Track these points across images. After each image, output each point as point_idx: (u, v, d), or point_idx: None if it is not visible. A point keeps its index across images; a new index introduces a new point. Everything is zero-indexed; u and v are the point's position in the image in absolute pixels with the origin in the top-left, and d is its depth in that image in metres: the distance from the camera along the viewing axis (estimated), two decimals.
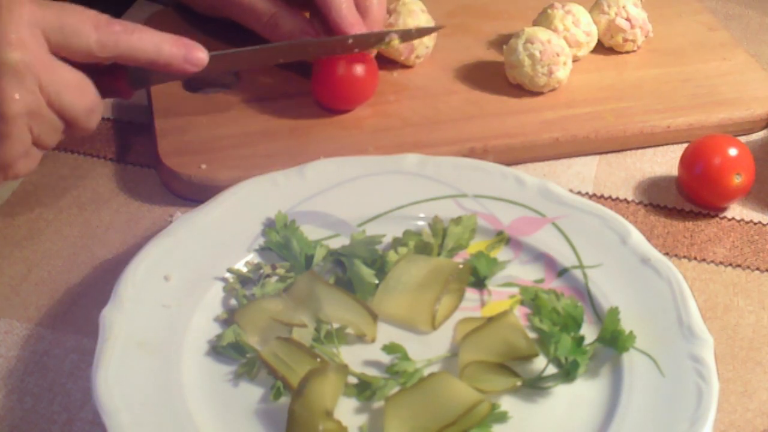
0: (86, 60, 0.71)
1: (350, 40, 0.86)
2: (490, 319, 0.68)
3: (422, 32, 0.90)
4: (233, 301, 0.71)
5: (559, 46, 0.89)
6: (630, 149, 0.89)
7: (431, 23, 0.93)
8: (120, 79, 0.76)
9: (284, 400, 0.64)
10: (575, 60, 0.93)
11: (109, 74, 0.75)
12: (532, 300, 0.70)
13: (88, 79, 0.72)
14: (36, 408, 0.66)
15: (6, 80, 0.67)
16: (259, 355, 0.66)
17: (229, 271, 0.72)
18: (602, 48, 0.97)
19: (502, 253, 0.75)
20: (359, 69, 0.87)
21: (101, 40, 0.70)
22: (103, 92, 0.74)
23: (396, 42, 0.88)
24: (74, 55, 0.70)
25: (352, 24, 0.86)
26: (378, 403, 0.64)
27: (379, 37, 0.87)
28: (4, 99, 0.67)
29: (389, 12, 0.93)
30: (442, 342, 0.69)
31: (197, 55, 0.75)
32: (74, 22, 0.70)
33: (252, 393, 0.65)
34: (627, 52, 0.97)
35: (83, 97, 0.71)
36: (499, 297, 0.72)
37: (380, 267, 0.72)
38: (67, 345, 0.70)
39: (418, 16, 0.93)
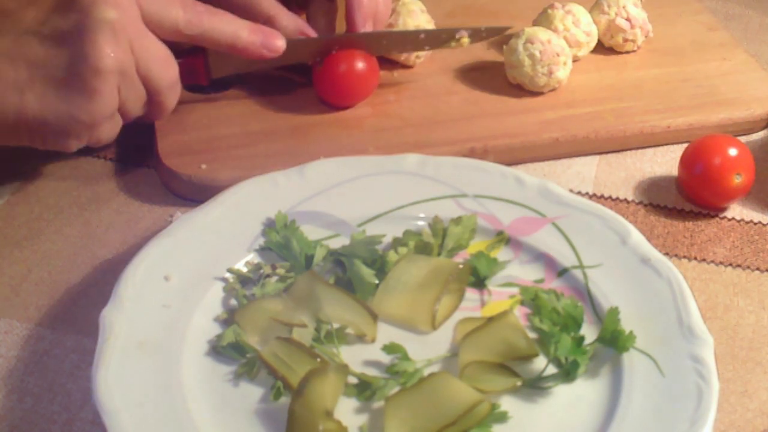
0: (171, 37, 0.75)
1: (422, 35, 0.88)
2: (490, 319, 0.68)
3: (492, 32, 0.91)
4: (233, 301, 0.71)
5: (559, 46, 0.89)
6: (630, 149, 0.89)
7: (431, 24, 0.93)
8: (199, 63, 0.81)
9: (284, 400, 0.64)
10: (575, 60, 0.93)
11: (190, 57, 0.80)
12: (532, 300, 0.70)
13: (172, 55, 0.74)
14: (36, 408, 0.66)
15: (102, 36, 0.69)
16: (259, 355, 0.66)
17: (229, 271, 0.72)
18: (602, 48, 0.97)
19: (502, 253, 0.75)
20: (361, 65, 0.87)
21: (187, 18, 0.75)
22: (183, 75, 0.77)
23: (465, 41, 0.90)
24: (161, 29, 0.74)
25: (366, 16, 0.87)
26: (378, 403, 0.64)
27: (450, 34, 0.89)
28: (100, 54, 0.69)
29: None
30: (442, 342, 0.69)
31: (275, 42, 0.79)
32: None
33: (252, 393, 0.65)
34: (627, 52, 0.97)
35: (168, 70, 0.74)
36: (499, 297, 0.72)
37: (380, 267, 0.72)
38: (67, 345, 0.70)
39: (417, 16, 0.93)
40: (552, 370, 0.66)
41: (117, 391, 0.62)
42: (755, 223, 0.81)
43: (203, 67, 0.82)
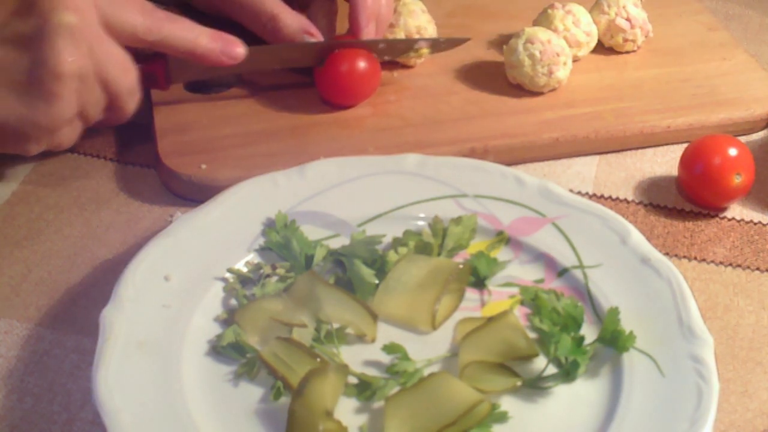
0: (130, 43, 0.75)
1: (381, 45, 0.88)
2: (490, 319, 0.68)
3: (451, 43, 0.92)
4: (233, 301, 0.71)
5: (559, 46, 0.89)
6: (630, 149, 0.89)
7: (432, 24, 0.93)
8: (159, 68, 0.81)
9: (284, 400, 0.64)
10: (575, 60, 0.93)
11: (149, 63, 0.80)
12: (532, 300, 0.70)
13: (132, 60, 0.74)
14: (36, 408, 0.66)
15: (62, 40, 0.69)
16: (259, 355, 0.66)
17: (229, 271, 0.72)
18: (602, 48, 0.97)
19: (502, 253, 0.75)
20: (363, 64, 0.87)
21: (147, 24, 0.74)
22: (142, 81, 0.76)
23: (425, 51, 0.91)
24: (120, 35, 0.73)
25: (370, 17, 0.88)
26: (378, 403, 0.64)
27: (409, 45, 0.90)
28: (59, 58, 0.69)
29: None
30: (442, 342, 0.69)
31: (235, 49, 0.79)
32: (124, 3, 0.74)
33: (252, 393, 0.65)
34: (627, 52, 0.97)
35: (127, 75, 0.74)
36: (499, 297, 0.72)
37: (380, 267, 0.72)
38: (67, 345, 0.70)
39: (418, 17, 0.93)
40: (552, 370, 0.66)
41: (117, 391, 0.62)
42: (755, 223, 0.81)
43: (163, 73, 0.82)
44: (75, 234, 0.79)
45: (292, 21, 0.87)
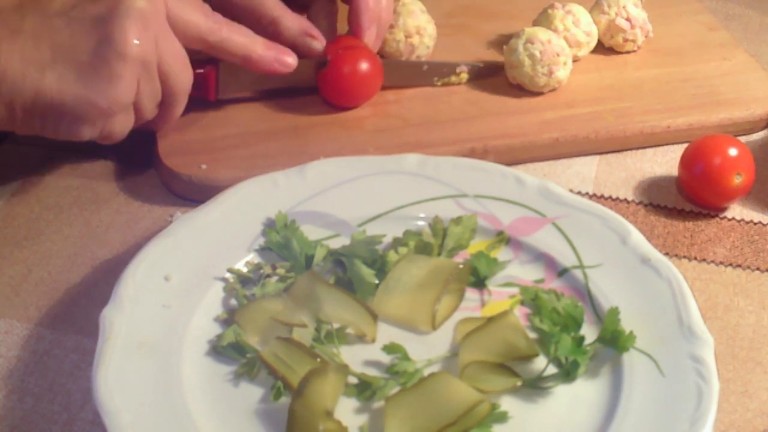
0: (191, 42, 0.77)
1: (425, 67, 0.91)
2: (490, 319, 0.68)
3: (490, 70, 0.93)
4: (233, 301, 0.71)
5: (559, 46, 0.89)
6: (630, 149, 0.89)
7: (431, 24, 0.94)
8: (211, 75, 0.83)
9: (284, 400, 0.64)
10: (575, 60, 0.93)
11: (202, 68, 0.82)
12: (532, 300, 0.70)
13: (189, 63, 0.77)
14: (36, 408, 0.66)
15: (131, 22, 0.71)
16: (259, 355, 0.66)
17: (229, 271, 0.72)
18: (602, 48, 0.97)
19: (502, 253, 0.75)
20: (365, 66, 0.87)
21: (209, 25, 0.77)
22: (193, 87, 0.78)
23: (464, 76, 0.92)
24: (184, 33, 0.76)
25: (371, 20, 0.88)
26: (378, 403, 0.64)
27: (451, 69, 0.91)
28: (126, 39, 0.70)
29: None
30: (442, 342, 0.69)
31: (287, 58, 0.83)
32: (189, 2, 0.76)
33: (252, 393, 0.65)
34: (627, 52, 0.97)
35: (186, 73, 0.77)
36: (499, 297, 0.72)
37: (380, 267, 0.72)
38: (67, 345, 0.70)
39: (418, 17, 0.93)
40: (552, 370, 0.66)
41: (117, 391, 0.62)
42: (755, 223, 0.81)
43: (214, 82, 0.84)
44: (75, 234, 0.79)
45: (293, 23, 0.87)
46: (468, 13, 1.03)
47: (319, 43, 0.87)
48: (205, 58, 0.82)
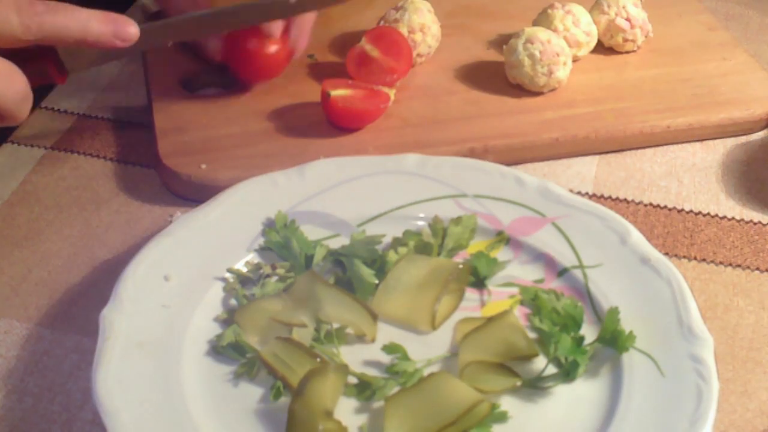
0: (11, 45, 0.68)
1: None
2: (490, 319, 0.68)
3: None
4: (233, 301, 0.71)
5: (559, 46, 0.89)
6: (630, 149, 0.89)
7: (436, 24, 0.94)
8: (50, 63, 0.73)
9: (284, 400, 0.64)
10: (575, 60, 0.93)
11: (38, 59, 0.72)
12: (532, 300, 0.70)
13: (16, 67, 0.68)
14: (36, 408, 0.66)
15: None
16: (259, 355, 0.66)
17: (229, 271, 0.72)
18: (602, 48, 0.97)
19: (502, 253, 0.75)
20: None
21: (24, 22, 0.67)
22: (34, 78, 0.70)
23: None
24: None
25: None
26: (378, 403, 0.64)
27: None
28: None
29: (396, 8, 0.93)
30: (442, 342, 0.69)
31: (127, 29, 0.72)
32: None
33: (252, 393, 0.65)
34: (627, 52, 0.97)
35: (12, 85, 0.68)
36: (499, 297, 0.72)
37: (380, 267, 0.72)
38: (67, 345, 0.70)
39: (424, 15, 0.93)
40: (552, 370, 0.66)
41: (117, 391, 0.62)
42: (755, 223, 0.81)
43: (54, 66, 0.73)
44: (75, 234, 0.79)
45: None
46: (468, 13, 1.03)
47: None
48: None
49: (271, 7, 0.82)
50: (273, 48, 0.88)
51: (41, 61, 0.73)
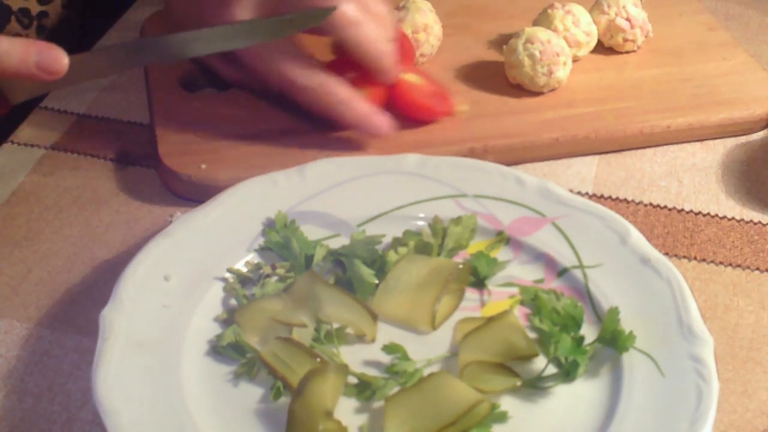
0: None
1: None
2: (490, 319, 0.68)
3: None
4: (233, 301, 0.71)
5: (559, 46, 0.89)
6: (630, 149, 0.89)
7: (438, 24, 0.94)
8: None
9: (284, 400, 0.64)
10: (575, 60, 0.93)
11: None
12: (532, 300, 0.70)
13: None
14: (36, 408, 0.66)
15: None
16: (259, 355, 0.66)
17: (229, 271, 0.72)
18: (602, 48, 0.97)
19: (502, 253, 0.75)
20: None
21: None
22: None
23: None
24: None
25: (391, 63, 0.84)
26: (378, 403, 0.64)
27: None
28: None
29: (398, 8, 0.93)
30: (442, 342, 0.69)
31: (53, 62, 0.65)
32: None
33: (252, 393, 0.65)
34: (627, 52, 0.97)
35: None
36: (499, 297, 0.72)
37: (380, 267, 0.72)
38: (67, 345, 0.70)
39: (426, 15, 0.93)
40: (552, 370, 0.66)
41: (117, 391, 0.62)
42: (755, 223, 0.81)
43: None
44: (75, 234, 0.79)
45: (364, 107, 0.83)
46: (468, 13, 1.03)
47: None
48: None
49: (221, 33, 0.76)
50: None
51: None
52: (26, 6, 1.00)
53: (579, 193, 0.84)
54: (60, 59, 0.65)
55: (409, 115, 0.87)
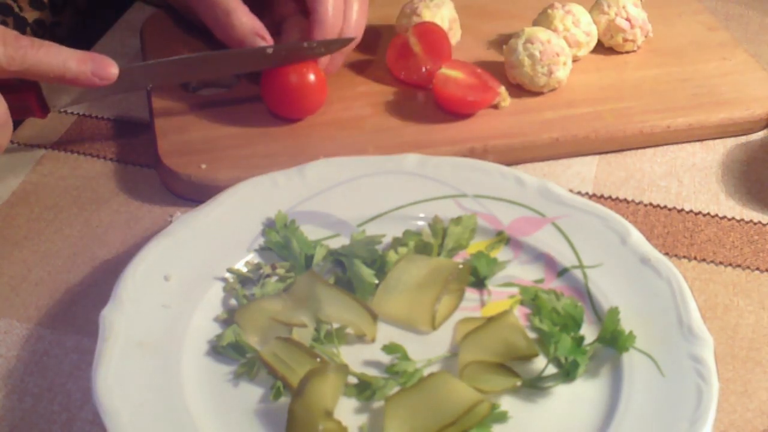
0: None
1: (269, 50, 0.84)
2: (490, 319, 0.68)
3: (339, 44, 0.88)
4: (233, 301, 0.71)
5: (559, 46, 0.89)
6: (630, 149, 0.89)
7: (454, 13, 0.95)
8: (32, 98, 0.78)
9: (284, 400, 0.64)
10: (575, 60, 0.93)
11: (21, 92, 0.76)
12: (532, 300, 0.70)
13: None
14: (36, 408, 0.66)
15: None
16: (259, 355, 0.66)
17: (229, 271, 0.72)
18: (602, 48, 0.97)
19: (502, 253, 0.75)
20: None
21: (9, 54, 0.71)
22: (15, 111, 0.73)
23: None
24: None
25: (333, 27, 0.86)
26: (378, 403, 0.64)
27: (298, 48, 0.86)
28: None
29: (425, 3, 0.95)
30: (442, 342, 0.69)
31: (107, 70, 0.76)
32: None
33: (252, 393, 0.65)
34: (627, 52, 0.97)
35: None
36: (499, 297, 0.72)
37: (380, 267, 0.72)
38: (67, 345, 0.70)
39: (452, 9, 0.95)
40: (552, 370, 0.66)
41: (117, 391, 0.62)
42: (755, 223, 0.81)
43: (36, 101, 0.78)
44: (75, 234, 0.79)
45: (247, 20, 0.86)
46: (468, 13, 1.03)
47: (267, 45, 0.85)
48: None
49: (254, 55, 0.85)
50: (307, 77, 0.86)
51: (24, 95, 0.77)
52: (41, 17, 1.04)
53: (579, 193, 0.84)
54: (112, 67, 0.76)
55: (448, 108, 0.88)
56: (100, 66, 0.75)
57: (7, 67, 0.71)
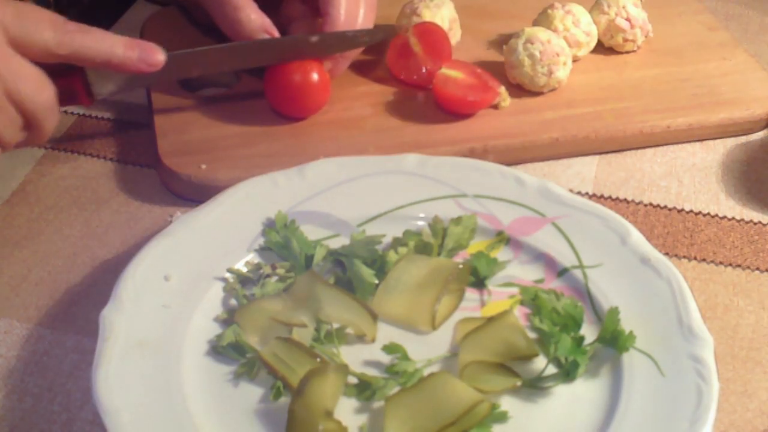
0: (42, 58, 0.72)
1: (313, 38, 0.86)
2: (490, 319, 0.68)
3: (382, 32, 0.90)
4: (233, 301, 0.71)
5: (559, 46, 0.89)
6: (630, 149, 0.89)
7: (454, 13, 0.95)
8: (78, 84, 0.78)
9: (284, 400, 0.64)
10: (575, 60, 0.93)
11: (68, 77, 0.77)
12: (532, 300, 0.70)
13: (47, 76, 0.72)
14: (36, 408, 0.66)
15: None
16: (259, 355, 0.66)
17: (229, 271, 0.72)
18: (602, 48, 0.97)
19: (502, 253, 0.75)
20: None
21: (57, 38, 0.71)
22: (62, 97, 0.74)
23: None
24: (31, 52, 0.71)
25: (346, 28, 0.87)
26: (378, 403, 0.64)
27: (342, 39, 0.87)
28: None
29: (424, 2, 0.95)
30: (442, 342, 0.69)
31: (154, 56, 0.76)
32: (33, 19, 0.71)
33: (252, 393, 0.65)
34: (627, 52, 0.97)
35: (42, 92, 0.72)
36: (499, 297, 0.72)
37: (380, 267, 0.72)
38: (67, 345, 0.70)
39: (452, 9, 0.95)
40: (552, 370, 0.66)
41: (117, 391, 0.62)
42: (755, 223, 0.81)
43: (82, 87, 0.78)
44: (75, 234, 0.79)
45: (256, 17, 0.86)
46: (468, 13, 1.03)
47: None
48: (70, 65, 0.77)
49: (297, 44, 0.86)
50: (311, 76, 0.86)
51: (71, 80, 0.78)
52: None
53: (579, 193, 0.84)
54: (159, 54, 0.76)
55: (448, 108, 0.88)
56: (147, 52, 0.75)
57: (56, 51, 0.71)
